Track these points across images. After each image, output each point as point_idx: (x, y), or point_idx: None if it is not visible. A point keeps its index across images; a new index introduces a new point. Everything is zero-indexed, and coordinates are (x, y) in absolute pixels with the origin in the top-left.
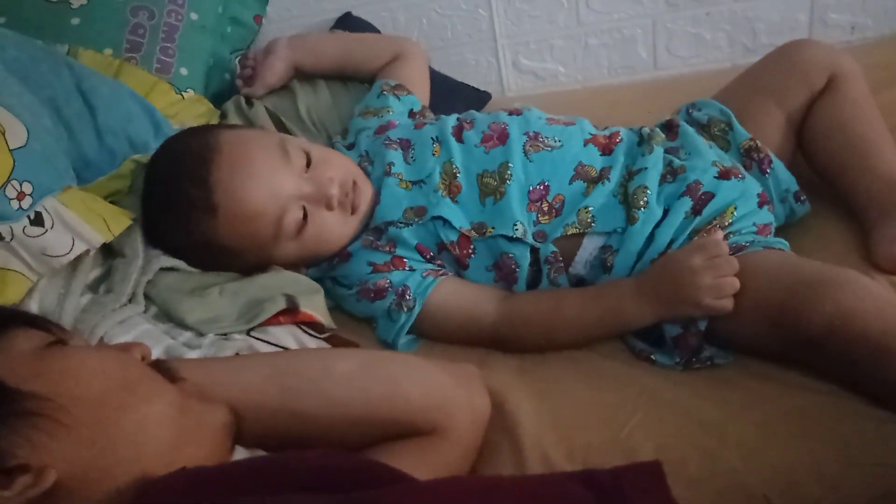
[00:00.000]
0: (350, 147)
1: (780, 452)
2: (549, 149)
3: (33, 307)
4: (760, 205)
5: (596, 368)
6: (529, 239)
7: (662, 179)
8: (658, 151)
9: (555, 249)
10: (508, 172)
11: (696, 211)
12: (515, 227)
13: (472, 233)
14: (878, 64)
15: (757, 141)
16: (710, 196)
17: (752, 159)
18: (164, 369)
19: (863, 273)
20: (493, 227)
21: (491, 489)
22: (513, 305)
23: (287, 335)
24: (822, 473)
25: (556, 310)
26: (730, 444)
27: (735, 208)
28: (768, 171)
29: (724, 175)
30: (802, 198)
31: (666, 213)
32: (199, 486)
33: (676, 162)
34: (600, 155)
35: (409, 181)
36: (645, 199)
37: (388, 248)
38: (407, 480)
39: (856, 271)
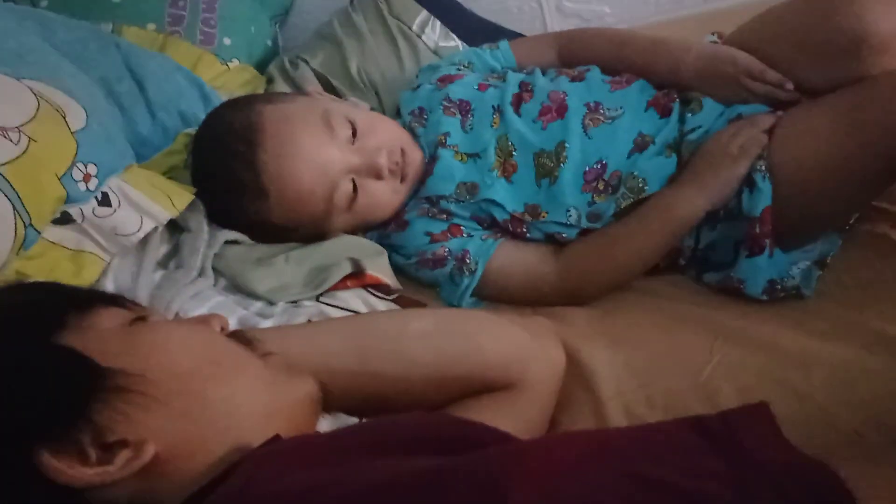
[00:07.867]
0: (415, 89)
1: (869, 386)
2: (610, 120)
3: (109, 286)
4: None
5: (667, 313)
6: (584, 223)
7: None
8: (707, 107)
9: None
10: (564, 154)
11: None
12: (569, 214)
13: (526, 216)
14: None
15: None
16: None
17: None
18: (246, 341)
19: None
20: (546, 212)
21: (602, 443)
22: (568, 249)
23: (355, 298)
24: None
25: (608, 232)
26: (815, 381)
27: None
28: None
29: None
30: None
31: None
32: (305, 456)
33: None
34: (659, 118)
35: (465, 153)
36: None
37: (444, 217)
38: (511, 440)
39: None
